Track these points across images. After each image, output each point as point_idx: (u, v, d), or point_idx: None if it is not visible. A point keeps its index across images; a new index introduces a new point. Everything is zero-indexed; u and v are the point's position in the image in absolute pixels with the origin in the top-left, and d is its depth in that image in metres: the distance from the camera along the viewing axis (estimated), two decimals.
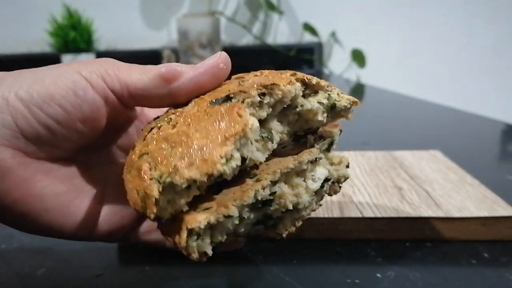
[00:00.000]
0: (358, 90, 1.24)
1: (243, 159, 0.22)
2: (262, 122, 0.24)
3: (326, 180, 0.26)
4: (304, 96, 0.26)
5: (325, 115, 0.26)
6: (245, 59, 1.49)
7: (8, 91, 0.22)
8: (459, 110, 0.85)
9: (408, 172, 0.44)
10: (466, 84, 1.48)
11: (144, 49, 1.46)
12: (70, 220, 0.24)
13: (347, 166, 0.28)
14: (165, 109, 0.26)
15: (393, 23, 1.48)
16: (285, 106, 0.25)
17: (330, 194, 0.28)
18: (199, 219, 0.20)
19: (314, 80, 0.26)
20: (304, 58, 1.49)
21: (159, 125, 0.23)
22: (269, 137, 0.24)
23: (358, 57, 1.46)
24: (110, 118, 0.25)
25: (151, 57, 1.42)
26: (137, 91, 0.23)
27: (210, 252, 0.21)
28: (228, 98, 0.23)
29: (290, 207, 0.24)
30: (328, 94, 0.26)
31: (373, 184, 0.41)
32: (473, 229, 0.34)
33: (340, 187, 0.28)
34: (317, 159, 0.25)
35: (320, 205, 0.27)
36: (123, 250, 0.34)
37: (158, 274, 0.30)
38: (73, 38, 1.36)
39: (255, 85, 0.23)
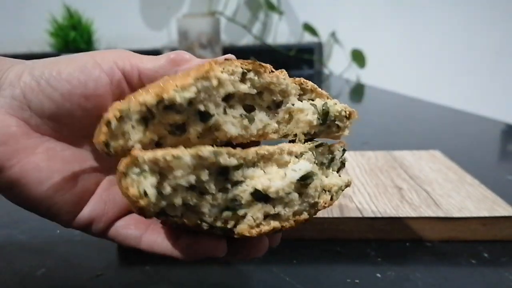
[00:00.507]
0: (358, 90, 1.24)
1: (207, 114, 0.22)
2: (249, 111, 0.24)
3: (309, 177, 0.23)
4: (300, 101, 0.25)
5: (316, 116, 0.25)
6: (245, 59, 1.48)
7: (22, 70, 0.24)
8: (459, 110, 0.85)
9: (408, 172, 0.44)
10: (466, 84, 1.48)
11: (144, 49, 1.45)
12: (59, 200, 0.24)
13: (347, 185, 0.25)
14: None
15: (393, 23, 1.48)
16: (276, 101, 0.24)
17: (320, 206, 0.24)
18: (146, 152, 0.20)
19: (310, 84, 0.25)
20: (304, 58, 1.49)
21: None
22: (247, 116, 0.23)
23: (358, 57, 1.46)
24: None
25: None
26: (147, 71, 0.25)
27: (151, 196, 0.20)
28: None
29: (259, 186, 0.22)
30: (325, 102, 0.25)
31: (373, 184, 0.41)
32: (473, 229, 0.34)
33: (332, 198, 0.25)
34: (302, 153, 0.24)
35: (308, 215, 0.24)
36: (123, 250, 0.34)
37: (158, 274, 0.30)
38: (73, 38, 1.36)
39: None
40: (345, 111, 0.26)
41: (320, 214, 0.35)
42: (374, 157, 0.49)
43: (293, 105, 0.25)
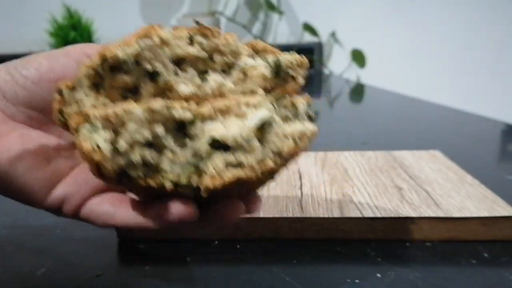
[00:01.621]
0: (358, 90, 1.24)
1: (156, 73, 0.22)
2: (202, 74, 0.24)
3: (268, 123, 0.23)
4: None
5: (269, 69, 0.25)
6: None
7: (0, 67, 0.26)
8: (459, 110, 0.85)
9: (408, 172, 0.44)
10: (466, 84, 1.48)
11: None
12: (30, 178, 0.25)
13: (313, 133, 0.24)
14: None
15: (393, 23, 1.48)
16: (228, 63, 0.25)
17: (285, 153, 0.23)
18: (97, 109, 0.21)
19: (261, 44, 0.26)
20: None
21: None
22: (200, 77, 0.24)
23: (358, 57, 1.46)
24: None
25: None
26: None
27: (105, 150, 0.20)
28: None
29: (217, 136, 0.22)
30: (276, 57, 0.26)
31: (373, 184, 0.41)
32: (473, 229, 0.34)
33: (296, 144, 0.23)
34: (261, 103, 0.23)
35: (274, 163, 0.23)
36: (123, 250, 0.34)
37: (158, 274, 0.31)
38: (73, 38, 1.36)
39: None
40: (297, 60, 0.26)
41: (320, 214, 0.35)
42: (374, 157, 0.49)
43: (245, 64, 0.25)
